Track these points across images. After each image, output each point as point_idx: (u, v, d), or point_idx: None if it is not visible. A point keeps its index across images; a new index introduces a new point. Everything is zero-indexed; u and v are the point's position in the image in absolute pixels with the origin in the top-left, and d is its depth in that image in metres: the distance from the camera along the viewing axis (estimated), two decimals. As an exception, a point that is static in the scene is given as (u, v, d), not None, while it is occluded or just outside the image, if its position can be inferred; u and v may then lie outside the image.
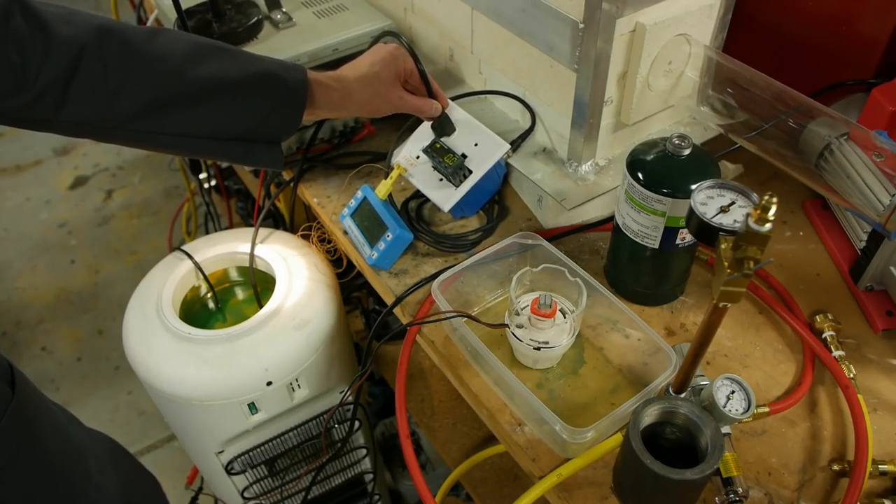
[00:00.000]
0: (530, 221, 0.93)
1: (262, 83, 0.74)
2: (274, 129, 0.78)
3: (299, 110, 0.77)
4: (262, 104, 0.75)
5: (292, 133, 0.80)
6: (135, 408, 1.95)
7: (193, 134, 0.74)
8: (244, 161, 0.80)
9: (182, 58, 0.70)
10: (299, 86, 0.76)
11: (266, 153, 0.79)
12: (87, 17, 0.68)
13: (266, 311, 0.92)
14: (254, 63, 0.75)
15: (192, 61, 0.71)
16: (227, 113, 0.74)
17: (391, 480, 1.55)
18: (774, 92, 0.77)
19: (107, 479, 0.81)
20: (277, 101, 0.76)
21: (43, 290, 2.26)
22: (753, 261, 0.48)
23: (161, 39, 0.71)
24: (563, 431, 0.64)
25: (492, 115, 0.99)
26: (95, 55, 0.67)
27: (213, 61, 0.72)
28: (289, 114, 0.77)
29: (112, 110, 0.69)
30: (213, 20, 0.97)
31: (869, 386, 0.74)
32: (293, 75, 0.76)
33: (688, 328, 0.80)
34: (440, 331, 0.80)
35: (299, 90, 0.76)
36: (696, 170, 0.70)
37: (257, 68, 0.74)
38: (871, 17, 0.88)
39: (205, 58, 0.72)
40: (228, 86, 0.73)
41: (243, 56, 0.75)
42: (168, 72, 0.70)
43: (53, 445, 0.74)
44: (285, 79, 0.76)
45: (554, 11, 0.76)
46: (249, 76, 0.74)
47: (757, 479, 0.67)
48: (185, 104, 0.71)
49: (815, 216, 0.92)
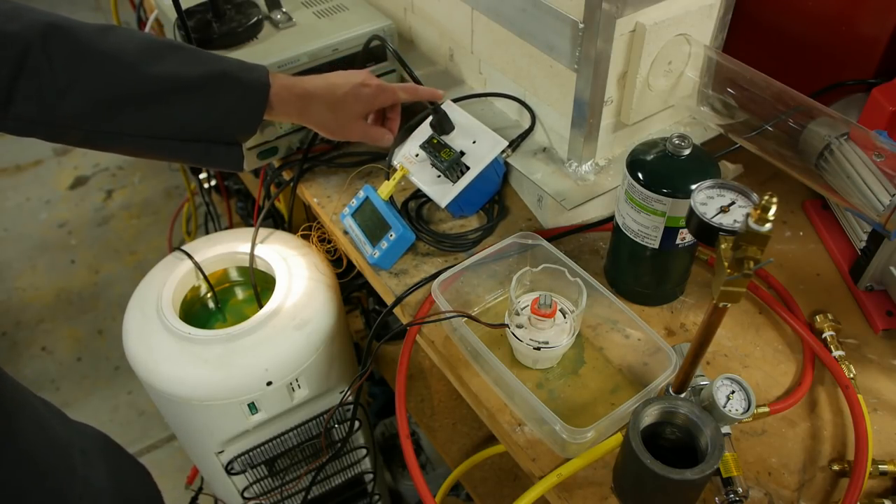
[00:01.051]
0: (530, 221, 0.93)
1: (218, 83, 0.73)
2: (232, 130, 0.77)
3: (258, 112, 0.76)
4: (218, 105, 0.73)
5: (251, 134, 0.79)
6: (135, 408, 1.95)
7: (149, 134, 0.73)
8: (204, 162, 0.79)
9: (135, 56, 0.69)
10: (259, 87, 0.75)
11: (226, 154, 0.78)
12: (34, 14, 0.67)
13: (266, 311, 0.92)
14: (211, 62, 0.73)
15: (146, 60, 0.69)
16: (183, 113, 0.72)
17: (391, 480, 1.55)
18: (774, 92, 0.77)
19: (94, 472, 0.81)
20: (234, 101, 0.74)
21: (43, 290, 2.26)
22: (753, 261, 0.48)
23: (113, 38, 0.69)
24: (563, 431, 0.64)
25: (492, 115, 0.99)
26: (42, 53, 0.66)
27: (168, 60, 0.71)
28: (247, 115, 0.76)
29: (62, 109, 0.68)
30: (213, 20, 0.97)
31: (869, 386, 0.74)
32: (252, 76, 0.75)
33: (688, 328, 0.80)
34: (440, 331, 0.80)
35: (259, 91, 0.75)
36: (696, 170, 0.70)
37: (214, 68, 0.73)
38: (871, 17, 0.88)
39: (159, 56, 0.70)
40: (183, 85, 0.71)
41: (200, 55, 0.74)
42: (120, 70, 0.68)
43: (34, 441, 0.74)
44: (243, 79, 0.74)
45: (554, 11, 0.76)
46: (206, 76, 0.72)
47: (757, 479, 0.67)
48: (138, 104, 0.70)
49: (815, 216, 0.92)
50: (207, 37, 0.95)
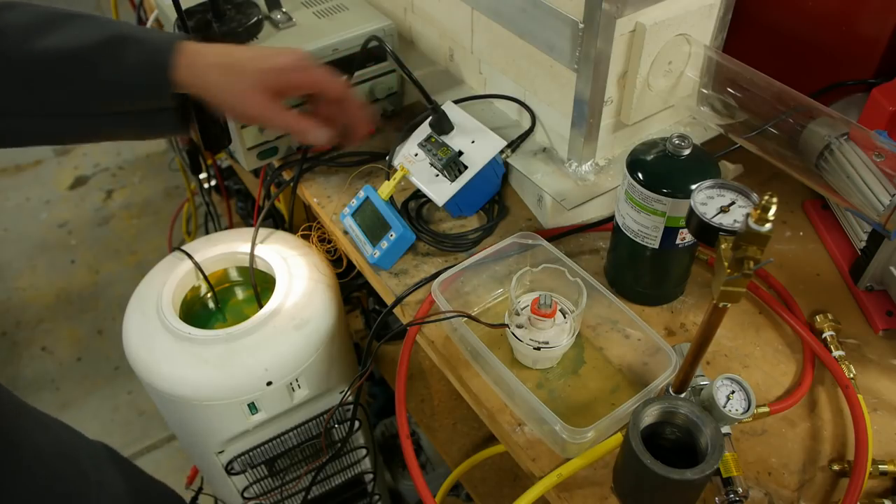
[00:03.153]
0: (530, 221, 0.93)
1: (118, 46, 0.67)
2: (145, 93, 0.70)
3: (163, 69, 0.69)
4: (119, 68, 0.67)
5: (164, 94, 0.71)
6: (135, 408, 1.95)
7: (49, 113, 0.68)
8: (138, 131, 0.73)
9: (23, 31, 0.64)
10: (163, 44, 0.69)
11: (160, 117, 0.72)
12: None
13: (266, 311, 0.92)
14: (110, 27, 0.68)
15: (35, 34, 0.64)
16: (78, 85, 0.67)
17: (391, 480, 1.55)
18: (774, 92, 0.77)
19: (108, 477, 0.80)
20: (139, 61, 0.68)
21: (43, 290, 2.26)
22: (753, 261, 0.48)
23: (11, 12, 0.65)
24: (563, 431, 0.64)
25: (491, 115, 0.99)
26: None
27: (62, 31, 0.66)
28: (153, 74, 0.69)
29: None
30: (213, 20, 0.97)
31: (869, 386, 0.74)
32: (155, 35, 0.70)
33: (688, 328, 0.80)
34: (440, 331, 0.80)
35: (164, 50, 0.69)
36: (696, 170, 0.70)
37: (113, 31, 0.67)
38: (871, 17, 0.88)
39: (52, 28, 0.65)
40: (75, 54, 0.66)
41: (100, 21, 0.68)
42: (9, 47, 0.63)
43: (39, 446, 0.73)
44: (144, 39, 0.69)
45: (554, 11, 0.76)
46: (102, 40, 0.66)
47: (757, 479, 0.67)
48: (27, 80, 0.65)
49: (815, 216, 0.92)
50: (207, 37, 0.94)
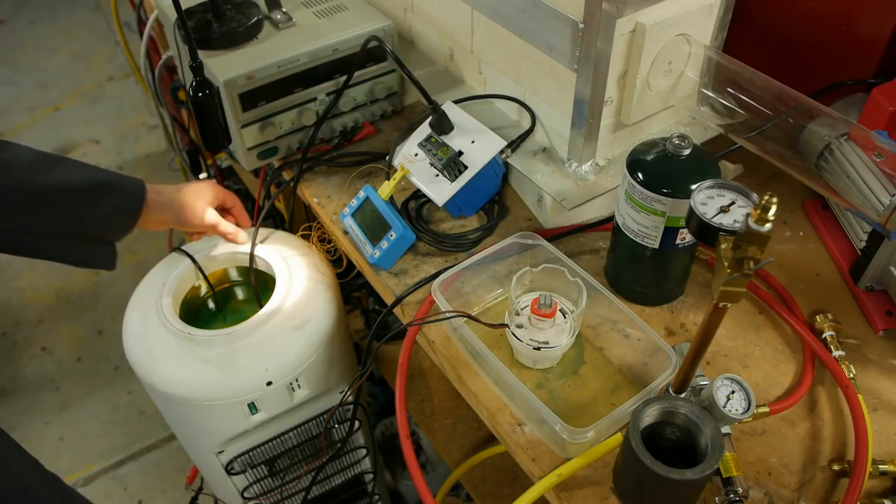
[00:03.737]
0: (530, 221, 0.93)
1: (102, 189, 0.83)
2: (110, 230, 0.87)
3: (135, 214, 0.87)
4: (100, 208, 0.83)
5: (126, 233, 0.88)
6: (135, 408, 1.95)
7: (36, 232, 0.82)
8: (82, 260, 0.87)
9: (29, 166, 0.79)
10: (137, 192, 0.86)
11: (103, 252, 0.89)
12: None
13: (266, 311, 0.92)
14: (95, 172, 0.84)
15: (37, 171, 0.79)
16: (68, 215, 0.81)
17: (391, 480, 1.55)
18: (774, 92, 0.77)
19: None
20: (115, 204, 0.84)
21: (43, 290, 2.26)
22: (753, 261, 0.48)
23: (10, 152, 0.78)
24: (563, 431, 0.64)
25: (491, 115, 0.99)
26: None
27: (56, 170, 0.80)
28: (125, 216, 0.86)
29: None
30: (212, 20, 0.97)
31: (869, 386, 0.74)
32: (130, 184, 0.86)
33: (688, 328, 0.80)
34: (440, 331, 0.80)
35: (136, 196, 0.86)
36: (696, 170, 0.70)
37: (97, 176, 0.83)
38: (871, 17, 0.88)
39: (48, 167, 0.80)
40: (70, 191, 0.80)
41: (85, 167, 0.84)
42: (13, 180, 0.77)
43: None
44: (122, 187, 0.85)
45: (554, 11, 0.76)
46: (90, 182, 0.82)
47: (757, 479, 0.67)
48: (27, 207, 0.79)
49: (815, 216, 0.92)
50: (207, 37, 0.95)
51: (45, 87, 3.06)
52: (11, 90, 3.05)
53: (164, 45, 1.51)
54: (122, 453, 1.86)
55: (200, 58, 0.88)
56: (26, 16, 3.51)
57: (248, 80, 0.92)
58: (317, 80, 0.98)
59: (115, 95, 3.00)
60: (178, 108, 1.65)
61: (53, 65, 3.19)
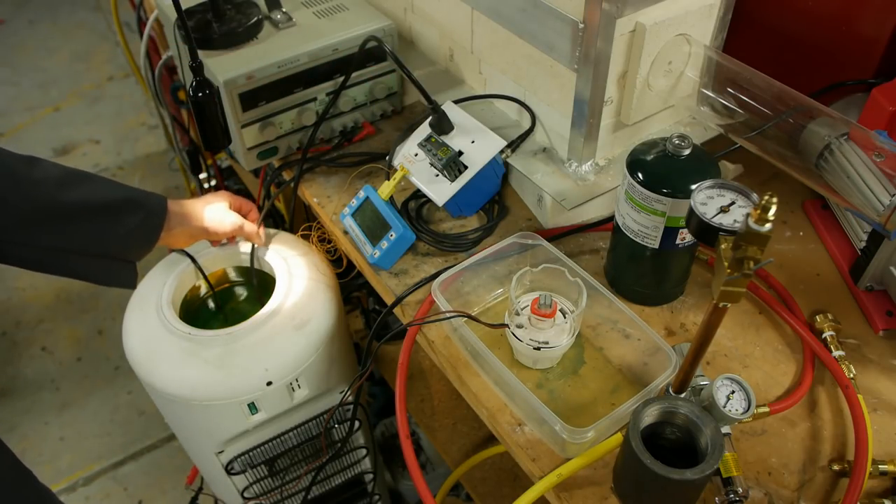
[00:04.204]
0: (530, 221, 0.93)
1: (125, 206, 0.83)
2: (132, 248, 0.86)
3: (157, 230, 0.87)
4: (123, 225, 0.83)
5: (148, 251, 0.88)
6: (135, 408, 1.95)
7: (59, 247, 0.81)
8: (102, 278, 0.87)
9: (55, 184, 0.79)
10: (158, 209, 0.86)
11: (123, 271, 0.88)
12: None
13: (266, 311, 0.92)
14: (118, 189, 0.84)
15: (66, 187, 0.79)
16: (91, 231, 0.81)
17: (391, 480, 1.55)
18: (774, 92, 0.77)
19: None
20: (137, 222, 0.84)
21: (43, 290, 2.26)
22: (753, 261, 0.48)
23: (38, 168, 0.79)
24: (563, 431, 0.64)
25: (491, 115, 0.99)
26: None
27: (83, 188, 0.81)
28: (147, 232, 0.86)
29: None
30: (213, 20, 0.97)
31: (869, 386, 0.74)
32: (153, 200, 0.86)
33: (688, 328, 0.80)
34: (440, 331, 0.80)
35: (158, 213, 0.86)
36: (696, 170, 0.70)
37: (121, 194, 0.83)
38: (871, 17, 0.88)
39: (76, 184, 0.80)
40: (93, 208, 0.81)
41: (109, 183, 0.84)
42: (42, 196, 0.77)
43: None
44: (145, 203, 0.85)
45: (554, 11, 0.76)
46: (113, 200, 0.82)
47: (757, 479, 0.67)
48: (53, 222, 0.79)
49: (815, 216, 0.92)
50: (207, 37, 0.95)
51: (45, 87, 3.06)
52: (11, 90, 3.05)
53: (164, 45, 1.51)
54: (122, 453, 1.86)
55: (200, 58, 0.87)
56: (26, 16, 3.51)
57: (248, 80, 0.92)
58: (317, 80, 0.98)
59: (115, 95, 3.00)
60: (178, 108, 1.65)
61: (53, 65, 3.19)
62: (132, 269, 0.88)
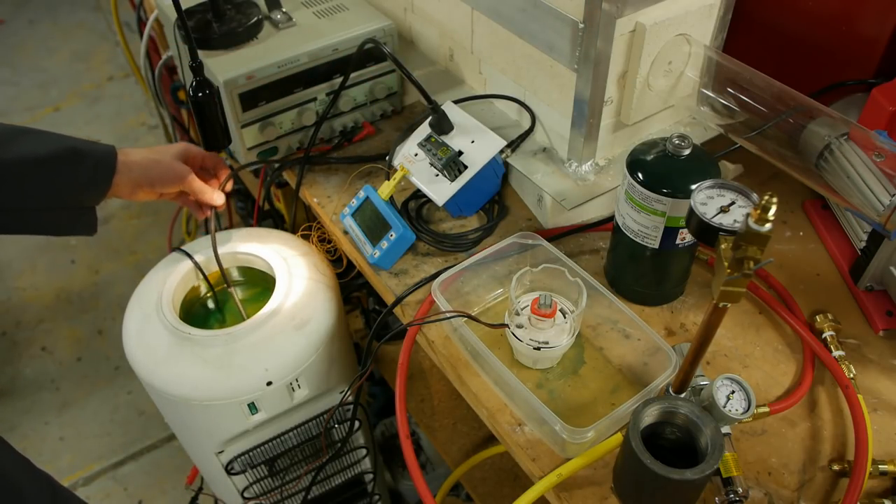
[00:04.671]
0: (530, 221, 0.93)
1: (72, 156, 0.81)
2: (87, 197, 0.85)
3: (109, 176, 0.85)
4: (73, 174, 0.82)
5: (101, 197, 0.86)
6: (135, 408, 1.95)
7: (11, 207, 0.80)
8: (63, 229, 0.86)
9: None
10: (107, 156, 0.85)
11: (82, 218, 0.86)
12: None
13: (266, 311, 0.92)
14: (63, 140, 0.82)
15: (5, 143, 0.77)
16: (41, 186, 0.80)
17: (391, 480, 1.55)
18: (774, 92, 0.77)
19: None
20: (87, 169, 0.83)
21: (43, 290, 2.26)
22: (753, 261, 0.48)
23: None
24: (563, 431, 0.64)
25: (491, 115, 0.99)
26: None
27: (22, 143, 0.79)
28: (98, 181, 0.84)
29: None
30: (213, 20, 0.97)
31: (869, 386, 0.74)
32: (100, 148, 0.85)
33: (688, 328, 0.80)
34: (440, 331, 0.80)
35: (107, 159, 0.85)
36: (696, 170, 0.70)
37: (67, 143, 0.82)
38: (871, 17, 0.88)
39: (16, 140, 0.79)
40: (38, 162, 0.79)
41: (51, 135, 0.83)
42: None
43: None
44: (92, 151, 0.83)
45: (554, 11, 0.76)
46: (59, 151, 0.80)
47: (757, 479, 0.67)
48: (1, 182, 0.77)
49: (815, 216, 0.92)
50: (207, 37, 0.95)
51: (45, 87, 3.06)
52: (11, 90, 3.05)
53: (164, 45, 1.51)
54: (122, 453, 1.86)
55: (200, 58, 0.87)
56: (26, 16, 3.51)
57: (248, 80, 0.92)
58: (317, 80, 0.98)
59: (115, 95, 3.00)
60: (178, 108, 1.65)
61: (53, 65, 3.19)
62: (91, 213, 0.87)
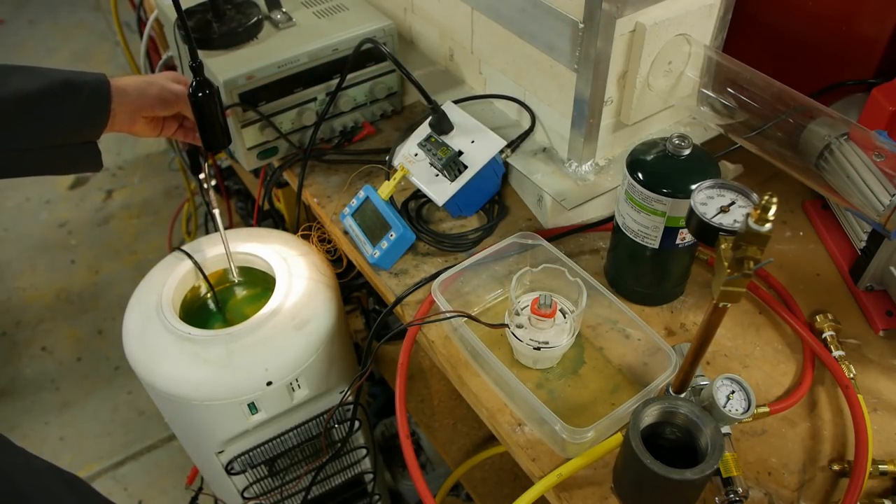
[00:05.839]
0: (530, 221, 0.93)
1: (65, 89, 0.79)
2: (86, 129, 0.83)
3: (106, 104, 0.83)
4: (68, 107, 0.80)
5: (101, 128, 0.84)
6: (135, 408, 1.95)
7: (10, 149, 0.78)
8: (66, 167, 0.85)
9: None
10: (100, 84, 0.83)
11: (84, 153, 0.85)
12: None
13: (266, 311, 0.92)
14: (52, 73, 0.80)
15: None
16: (36, 123, 0.78)
17: (391, 480, 1.55)
18: (774, 92, 0.77)
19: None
20: (82, 102, 0.81)
21: (43, 290, 2.26)
22: (753, 261, 0.48)
23: None
24: (563, 431, 0.64)
25: (492, 115, 0.99)
26: None
27: (15, 79, 0.77)
28: (95, 110, 0.83)
29: None
30: (213, 20, 0.97)
31: (869, 386, 0.74)
32: (91, 77, 0.83)
33: (688, 328, 0.80)
34: (440, 331, 0.80)
35: (101, 87, 0.83)
36: (696, 170, 0.70)
37: (57, 77, 0.80)
38: (871, 17, 0.88)
39: (5, 78, 0.77)
40: (32, 97, 0.77)
41: (40, 70, 0.81)
42: None
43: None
44: (85, 81, 0.81)
45: (554, 11, 0.76)
46: (51, 85, 0.79)
47: (757, 479, 0.67)
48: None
49: (815, 216, 0.92)
50: (207, 37, 0.95)
51: (45, 87, 3.06)
52: (11, 90, 3.05)
53: (164, 45, 1.51)
54: (122, 453, 1.86)
55: (200, 58, 0.87)
56: (26, 16, 3.51)
57: (248, 80, 0.92)
58: (317, 80, 0.98)
59: (115, 95, 3.00)
60: (178, 108, 1.65)
61: (53, 65, 3.15)
62: (93, 148, 0.86)
